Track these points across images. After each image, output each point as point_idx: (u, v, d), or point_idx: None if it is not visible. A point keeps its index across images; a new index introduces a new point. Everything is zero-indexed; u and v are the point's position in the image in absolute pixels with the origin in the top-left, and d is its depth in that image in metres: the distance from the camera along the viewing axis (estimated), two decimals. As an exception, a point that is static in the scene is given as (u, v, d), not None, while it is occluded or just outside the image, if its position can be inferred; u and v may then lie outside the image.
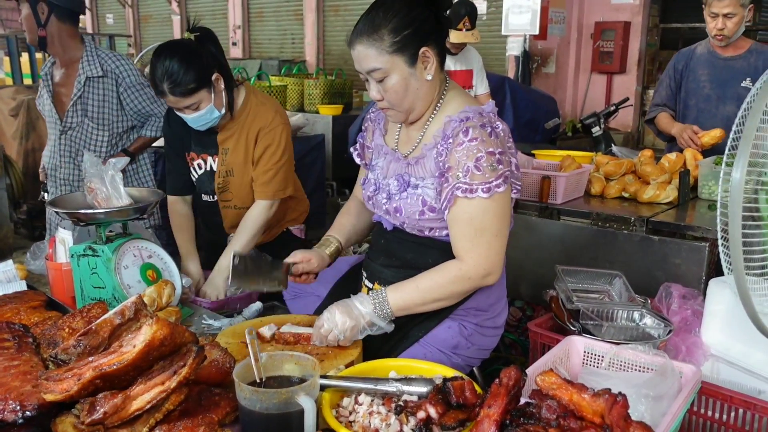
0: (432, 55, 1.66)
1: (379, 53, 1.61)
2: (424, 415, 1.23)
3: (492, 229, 1.65)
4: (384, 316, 1.66)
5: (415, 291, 1.68)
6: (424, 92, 1.70)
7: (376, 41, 1.61)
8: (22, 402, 1.19)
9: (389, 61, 1.62)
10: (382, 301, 1.66)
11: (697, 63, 3.50)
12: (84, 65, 2.84)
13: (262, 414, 1.19)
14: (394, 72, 1.64)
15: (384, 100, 1.70)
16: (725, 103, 3.40)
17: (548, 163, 3.12)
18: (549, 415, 1.17)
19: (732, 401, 1.72)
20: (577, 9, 6.92)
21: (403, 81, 1.65)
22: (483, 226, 1.64)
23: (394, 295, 1.67)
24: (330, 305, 1.67)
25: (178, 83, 2.16)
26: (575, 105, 7.20)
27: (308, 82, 5.55)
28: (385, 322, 1.67)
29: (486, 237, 1.65)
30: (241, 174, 2.43)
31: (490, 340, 1.88)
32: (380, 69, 1.63)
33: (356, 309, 1.64)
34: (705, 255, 2.46)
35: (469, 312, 1.81)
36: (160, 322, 1.21)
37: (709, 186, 2.95)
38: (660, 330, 1.90)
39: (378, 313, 1.66)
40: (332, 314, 1.63)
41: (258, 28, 10.36)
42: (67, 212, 1.90)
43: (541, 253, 2.82)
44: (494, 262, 1.67)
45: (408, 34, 1.61)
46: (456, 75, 4.10)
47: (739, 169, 1.18)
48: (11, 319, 1.63)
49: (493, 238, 1.66)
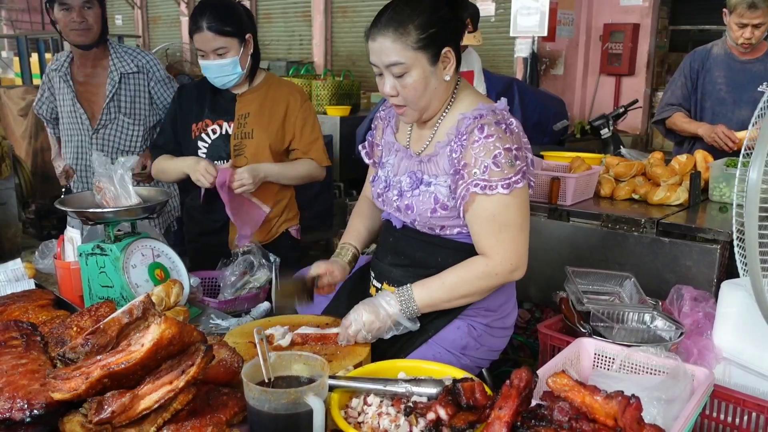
0: (452, 56, 1.67)
1: (404, 48, 1.61)
2: (434, 417, 1.21)
3: (516, 223, 1.66)
4: (410, 314, 1.67)
5: (441, 288, 1.69)
6: (441, 92, 1.70)
7: (403, 35, 1.60)
8: (29, 400, 1.18)
9: (413, 57, 1.62)
10: (409, 299, 1.67)
11: (713, 64, 3.44)
12: (115, 62, 2.88)
13: (270, 414, 1.18)
14: (416, 69, 1.63)
15: (398, 97, 1.68)
16: (741, 107, 3.35)
17: (558, 165, 3.10)
18: (561, 417, 1.16)
19: (745, 405, 1.70)
20: (585, 11, 6.89)
21: (424, 79, 1.64)
22: (507, 222, 1.65)
23: (420, 293, 1.68)
24: (356, 305, 1.67)
25: (218, 19, 2.30)
26: (583, 107, 7.17)
27: (316, 83, 5.56)
28: (411, 321, 1.67)
29: (511, 232, 1.66)
30: (259, 137, 2.48)
31: (499, 341, 1.87)
32: (403, 64, 1.62)
33: (383, 309, 1.65)
34: (716, 257, 2.44)
35: (478, 312, 1.79)
36: (168, 321, 1.21)
37: (720, 188, 2.93)
38: (671, 332, 1.89)
39: (405, 311, 1.66)
40: (359, 315, 1.64)
41: (266, 29, 10.36)
42: (75, 211, 1.90)
43: (550, 254, 2.80)
44: (521, 256, 1.69)
45: (434, 33, 1.62)
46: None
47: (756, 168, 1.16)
48: (19, 318, 1.63)
49: (518, 232, 1.67)
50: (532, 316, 3.19)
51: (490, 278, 1.68)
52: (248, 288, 2.23)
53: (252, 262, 2.28)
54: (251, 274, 2.25)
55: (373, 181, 1.93)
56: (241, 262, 2.27)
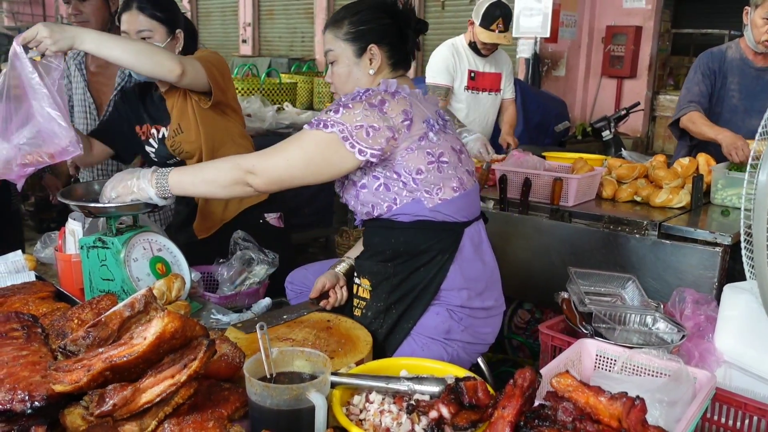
0: (379, 54, 1.83)
1: (335, 38, 1.85)
2: (437, 415, 1.21)
3: (289, 149, 1.72)
4: (161, 189, 1.78)
5: (193, 168, 1.86)
6: (364, 84, 1.85)
7: (338, 28, 1.85)
8: (30, 392, 1.17)
9: (341, 47, 1.85)
10: (163, 173, 1.78)
11: (728, 68, 3.35)
12: None
13: (272, 410, 1.18)
14: (342, 58, 1.85)
15: (332, 85, 1.92)
16: (752, 116, 3.26)
17: (560, 165, 3.10)
18: (565, 418, 1.15)
19: (746, 408, 1.69)
20: (588, 13, 6.88)
21: (347, 68, 1.86)
22: (287, 142, 1.74)
23: (176, 172, 1.79)
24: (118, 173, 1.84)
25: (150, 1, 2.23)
26: (585, 109, 7.17)
27: (318, 80, 5.56)
28: (159, 197, 1.79)
29: (280, 149, 1.73)
30: (188, 128, 2.38)
31: (482, 322, 1.88)
32: (332, 51, 1.86)
33: (136, 175, 1.79)
34: (718, 260, 2.43)
35: (450, 294, 1.82)
36: (171, 315, 1.20)
37: (722, 191, 2.93)
38: (673, 335, 1.88)
39: (157, 185, 1.77)
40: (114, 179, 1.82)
41: (268, 26, 10.35)
42: (77, 204, 1.89)
43: (551, 255, 2.80)
44: (264, 168, 1.72)
45: (363, 30, 1.83)
46: (484, 77, 4.05)
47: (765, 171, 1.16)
48: (20, 310, 1.62)
49: (283, 154, 1.72)
50: (532, 317, 3.19)
51: (235, 170, 1.73)
52: (247, 284, 2.22)
53: (250, 258, 2.27)
54: (249, 270, 2.24)
55: None
56: (238, 258, 2.26)
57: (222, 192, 1.80)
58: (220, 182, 1.76)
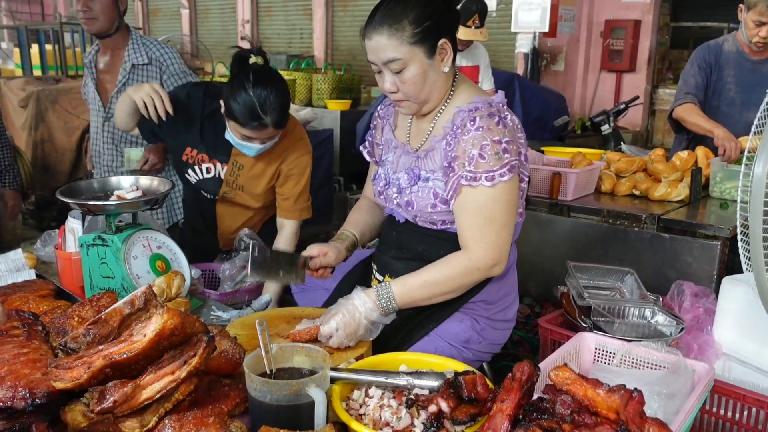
0: (449, 48, 1.67)
1: (399, 44, 1.61)
2: (436, 409, 1.21)
3: (501, 219, 1.64)
4: (387, 311, 1.64)
5: (422, 286, 1.67)
6: (440, 84, 1.70)
7: (398, 31, 1.60)
8: (31, 389, 1.18)
9: (410, 51, 1.62)
10: (387, 296, 1.64)
11: (725, 61, 3.36)
12: (130, 52, 2.87)
13: (272, 405, 1.18)
14: (413, 63, 1.63)
15: (399, 92, 1.68)
16: (749, 108, 3.26)
17: (559, 160, 3.10)
18: (563, 411, 1.16)
19: (745, 400, 1.70)
20: (587, 7, 6.87)
21: (422, 72, 1.65)
22: (492, 216, 1.63)
23: (401, 290, 1.65)
24: (330, 308, 1.64)
25: (285, 116, 2.13)
26: (584, 103, 7.16)
27: (317, 77, 5.53)
28: (388, 318, 1.65)
29: (494, 227, 1.64)
30: (251, 188, 2.39)
31: (501, 333, 1.87)
32: (400, 60, 1.62)
33: (357, 312, 1.61)
34: (717, 253, 2.44)
35: (479, 305, 1.80)
36: (171, 312, 1.20)
37: (721, 184, 2.93)
38: (672, 328, 1.89)
39: (382, 307, 1.63)
40: (330, 326, 1.58)
41: (266, 22, 10.33)
42: (76, 202, 1.89)
43: (551, 249, 2.80)
44: (502, 252, 1.66)
45: (428, 26, 1.61)
46: (462, 70, 4.06)
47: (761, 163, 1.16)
48: (21, 308, 1.62)
49: (502, 228, 1.65)
50: (531, 311, 3.19)
51: (472, 273, 1.67)
52: (248, 281, 2.23)
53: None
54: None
55: (374, 179, 1.93)
56: (242, 257, 2.26)
57: (460, 292, 1.73)
58: (460, 291, 1.71)
